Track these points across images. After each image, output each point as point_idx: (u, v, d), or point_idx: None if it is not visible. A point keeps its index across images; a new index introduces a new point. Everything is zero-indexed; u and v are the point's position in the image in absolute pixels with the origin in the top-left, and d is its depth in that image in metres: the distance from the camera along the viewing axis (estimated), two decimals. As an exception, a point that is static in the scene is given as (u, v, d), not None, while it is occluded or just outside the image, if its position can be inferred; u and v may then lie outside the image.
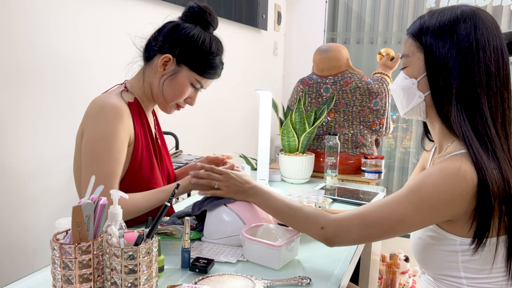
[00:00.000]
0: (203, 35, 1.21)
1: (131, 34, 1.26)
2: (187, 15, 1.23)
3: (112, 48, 1.72)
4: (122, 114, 1.13)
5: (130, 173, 1.19)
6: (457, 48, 0.88)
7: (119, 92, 1.20)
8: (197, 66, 1.21)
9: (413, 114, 0.98)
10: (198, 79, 1.23)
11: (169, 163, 1.39)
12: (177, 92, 1.23)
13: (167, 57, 1.19)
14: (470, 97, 0.87)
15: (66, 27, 1.56)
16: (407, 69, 0.96)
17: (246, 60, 3.02)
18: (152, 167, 1.23)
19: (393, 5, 3.47)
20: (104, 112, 1.12)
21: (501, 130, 0.88)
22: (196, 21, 1.22)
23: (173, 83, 1.22)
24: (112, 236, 0.78)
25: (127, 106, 1.18)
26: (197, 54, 1.20)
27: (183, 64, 1.21)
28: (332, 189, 1.79)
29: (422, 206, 0.87)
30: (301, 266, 1.05)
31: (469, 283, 0.91)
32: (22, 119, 1.44)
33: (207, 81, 1.26)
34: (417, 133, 3.55)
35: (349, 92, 2.16)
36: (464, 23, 0.88)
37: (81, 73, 1.63)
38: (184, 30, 1.20)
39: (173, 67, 1.21)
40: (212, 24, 1.25)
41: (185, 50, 1.19)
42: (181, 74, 1.21)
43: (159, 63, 1.20)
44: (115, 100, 1.15)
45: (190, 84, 1.23)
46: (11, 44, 1.38)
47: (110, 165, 1.11)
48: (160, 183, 1.26)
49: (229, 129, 2.87)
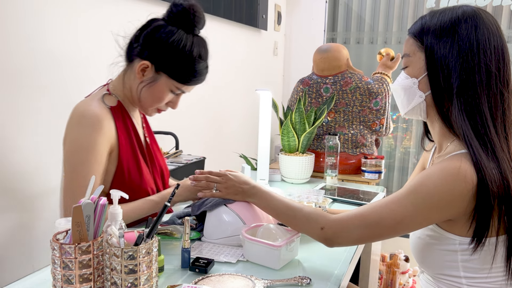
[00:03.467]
0: (184, 40, 1.14)
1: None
2: (170, 15, 1.16)
3: (109, 47, 1.72)
4: (101, 123, 1.12)
5: (118, 176, 1.18)
6: (458, 48, 0.88)
7: (101, 97, 1.18)
8: (176, 74, 1.16)
9: (414, 114, 0.98)
10: (178, 86, 1.18)
11: (162, 162, 1.38)
12: (156, 99, 1.19)
13: (144, 64, 1.14)
14: (470, 96, 0.87)
15: (63, 27, 1.56)
16: (408, 68, 0.96)
17: (246, 60, 3.02)
18: (140, 168, 1.22)
19: (393, 5, 3.47)
20: (83, 123, 1.11)
21: (501, 130, 0.88)
22: (180, 23, 1.15)
23: (151, 91, 1.18)
24: (112, 236, 0.78)
25: (109, 111, 1.17)
26: (177, 61, 1.14)
27: (162, 72, 1.15)
28: (332, 189, 1.79)
29: (422, 206, 0.87)
30: (301, 266, 1.05)
31: (469, 283, 0.91)
32: (22, 119, 1.44)
33: (189, 87, 1.21)
34: (417, 133, 3.55)
35: (349, 92, 2.16)
36: (465, 23, 0.88)
37: (80, 72, 1.63)
38: (164, 35, 1.13)
39: (152, 75, 1.16)
40: (197, 25, 1.18)
41: (164, 57, 1.13)
42: (160, 81, 1.16)
43: (137, 70, 1.15)
44: (95, 108, 1.13)
45: (170, 91, 1.19)
46: (8, 44, 1.38)
47: (86, 178, 1.09)
48: (150, 183, 1.26)
49: (229, 129, 2.87)
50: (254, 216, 1.15)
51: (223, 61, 2.65)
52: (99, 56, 1.68)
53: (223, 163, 2.70)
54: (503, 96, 0.88)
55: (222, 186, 1.16)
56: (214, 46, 2.82)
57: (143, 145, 1.28)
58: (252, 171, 1.86)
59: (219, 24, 2.57)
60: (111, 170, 1.18)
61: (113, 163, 1.18)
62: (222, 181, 1.16)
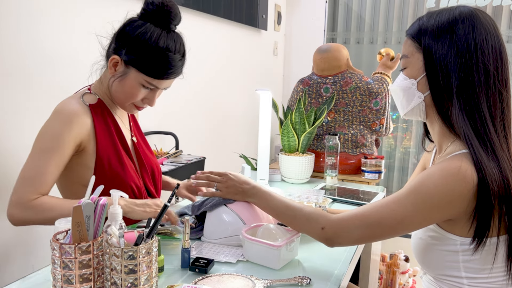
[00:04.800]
0: (150, 32, 1.13)
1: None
2: (143, 13, 1.17)
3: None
4: (71, 119, 1.13)
5: (99, 171, 1.19)
6: (456, 48, 0.88)
7: (81, 95, 1.21)
8: (144, 67, 1.15)
9: (413, 115, 0.98)
10: (148, 80, 1.17)
11: (153, 161, 1.39)
12: (127, 94, 1.19)
13: (114, 58, 1.16)
14: (470, 96, 0.87)
15: (59, 26, 1.56)
16: (407, 70, 0.96)
17: (246, 60, 3.02)
18: (123, 165, 1.23)
19: (393, 5, 3.48)
20: (55, 117, 1.15)
21: (500, 129, 0.88)
22: (153, 19, 1.15)
23: (122, 85, 1.18)
24: (112, 236, 0.78)
25: (88, 109, 1.19)
26: (143, 54, 1.14)
27: (130, 66, 1.16)
28: (332, 189, 1.79)
29: (423, 206, 0.87)
30: (301, 266, 1.05)
31: (470, 283, 0.91)
32: (21, 119, 1.44)
33: (160, 82, 1.19)
34: (417, 133, 3.55)
35: (349, 92, 2.16)
36: (462, 24, 0.88)
37: (79, 72, 1.63)
38: (132, 29, 1.14)
39: (122, 69, 1.17)
40: (172, 22, 1.17)
41: (131, 50, 1.14)
42: (129, 75, 1.17)
43: (109, 65, 1.18)
44: (72, 105, 1.16)
45: (142, 85, 1.18)
46: (7, 44, 1.38)
47: (44, 163, 1.11)
48: (134, 179, 1.26)
49: (229, 129, 2.87)
50: (254, 216, 1.15)
51: (223, 61, 2.65)
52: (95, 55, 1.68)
53: (223, 163, 2.70)
54: (502, 95, 0.89)
55: (222, 185, 1.16)
56: (214, 46, 2.82)
57: (127, 143, 1.29)
58: (252, 171, 1.86)
59: (219, 24, 2.57)
60: (90, 166, 1.19)
61: (91, 159, 1.19)
62: (223, 180, 1.17)
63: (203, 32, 2.39)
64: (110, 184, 1.16)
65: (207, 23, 2.43)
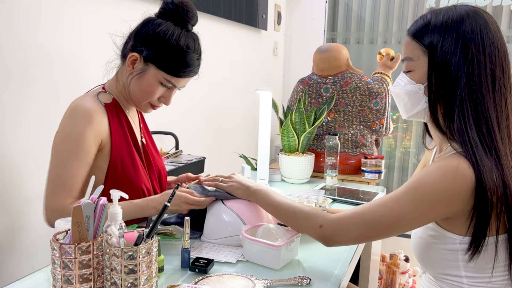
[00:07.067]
0: (171, 31, 1.14)
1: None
2: (162, 12, 1.17)
3: (107, 46, 1.71)
4: (91, 117, 1.13)
5: (112, 173, 1.18)
6: (463, 49, 0.87)
7: (96, 94, 1.20)
8: (164, 65, 1.15)
9: (417, 117, 0.98)
10: (167, 78, 1.17)
11: (160, 163, 1.38)
12: (146, 92, 1.19)
13: (133, 55, 1.16)
14: (476, 100, 0.87)
15: (59, 26, 1.56)
16: (412, 73, 0.94)
17: (246, 60, 3.02)
18: (135, 166, 1.22)
19: (393, 5, 3.47)
20: (73, 114, 1.13)
21: (505, 129, 0.89)
22: (172, 18, 1.16)
23: (140, 82, 1.18)
24: (112, 236, 0.78)
25: (103, 108, 1.18)
26: (164, 51, 1.14)
27: (150, 63, 1.16)
28: (332, 189, 1.79)
29: (421, 204, 0.87)
30: (301, 266, 1.05)
31: (470, 282, 0.91)
32: (21, 119, 1.44)
33: (179, 80, 1.19)
34: (417, 133, 3.55)
35: (349, 92, 2.16)
36: (469, 24, 0.88)
37: (79, 72, 1.63)
38: (153, 26, 1.15)
39: (141, 66, 1.17)
40: (189, 21, 1.18)
41: (151, 47, 1.14)
42: (148, 73, 1.16)
43: (127, 62, 1.17)
44: (88, 103, 1.15)
45: (160, 83, 1.18)
46: (7, 44, 1.38)
47: (72, 166, 1.11)
48: (145, 182, 1.25)
49: (229, 129, 2.87)
50: (254, 216, 1.15)
51: (223, 61, 2.64)
52: (98, 55, 1.68)
53: (223, 163, 2.70)
54: (507, 99, 0.89)
55: (227, 179, 1.22)
56: (214, 46, 2.82)
57: (139, 145, 1.28)
58: (252, 171, 1.86)
59: (219, 24, 2.57)
60: (102, 168, 1.18)
61: (105, 160, 1.18)
62: (228, 176, 1.23)
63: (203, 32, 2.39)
64: (121, 186, 1.16)
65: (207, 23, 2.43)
